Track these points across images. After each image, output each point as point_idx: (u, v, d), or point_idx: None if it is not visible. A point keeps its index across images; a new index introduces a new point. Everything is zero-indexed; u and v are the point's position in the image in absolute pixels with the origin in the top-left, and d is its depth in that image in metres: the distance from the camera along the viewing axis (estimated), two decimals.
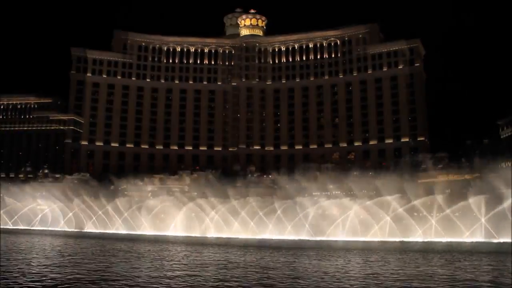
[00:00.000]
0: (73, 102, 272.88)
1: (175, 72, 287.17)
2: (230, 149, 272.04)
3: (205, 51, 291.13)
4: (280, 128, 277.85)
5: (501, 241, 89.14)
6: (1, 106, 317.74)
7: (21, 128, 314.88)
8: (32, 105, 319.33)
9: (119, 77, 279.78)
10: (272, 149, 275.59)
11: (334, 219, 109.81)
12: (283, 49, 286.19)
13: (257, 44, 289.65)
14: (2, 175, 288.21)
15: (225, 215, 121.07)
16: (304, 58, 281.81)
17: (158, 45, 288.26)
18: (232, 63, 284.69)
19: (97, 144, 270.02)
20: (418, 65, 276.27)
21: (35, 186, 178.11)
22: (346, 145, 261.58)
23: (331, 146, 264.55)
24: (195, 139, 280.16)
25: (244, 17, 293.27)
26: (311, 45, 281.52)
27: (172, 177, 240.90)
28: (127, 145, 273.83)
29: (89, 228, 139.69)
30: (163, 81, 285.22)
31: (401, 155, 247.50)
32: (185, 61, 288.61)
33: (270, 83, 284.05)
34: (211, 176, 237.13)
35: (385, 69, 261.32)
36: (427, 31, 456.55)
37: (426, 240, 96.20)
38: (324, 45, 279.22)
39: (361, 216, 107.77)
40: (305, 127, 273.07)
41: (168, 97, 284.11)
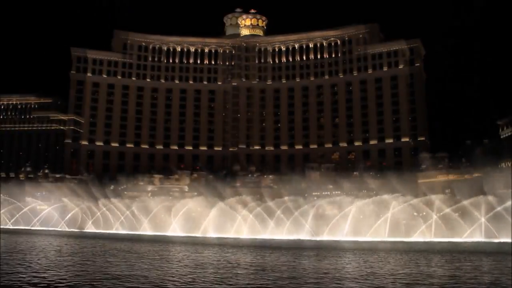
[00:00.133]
0: (73, 102, 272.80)
1: (175, 72, 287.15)
2: (230, 149, 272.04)
3: (205, 51, 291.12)
4: (280, 128, 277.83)
5: None
6: (1, 106, 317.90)
7: (21, 128, 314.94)
8: (32, 105, 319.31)
9: (119, 77, 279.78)
10: (272, 149, 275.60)
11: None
12: (283, 49, 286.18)
13: (257, 44, 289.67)
14: (2, 175, 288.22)
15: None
16: (304, 58, 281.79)
17: (158, 45, 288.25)
18: (232, 63, 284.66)
19: (97, 144, 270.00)
20: (418, 65, 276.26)
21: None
22: (346, 145, 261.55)
23: (331, 146, 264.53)
24: (195, 139, 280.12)
25: (244, 17, 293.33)
26: (311, 45, 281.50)
27: (172, 177, 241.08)
28: (127, 145, 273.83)
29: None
30: (163, 81, 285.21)
31: (401, 155, 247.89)
32: (185, 61, 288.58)
33: (270, 83, 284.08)
34: (211, 176, 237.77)
35: (385, 69, 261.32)
36: (427, 31, 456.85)
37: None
38: (324, 45, 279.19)
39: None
40: (305, 127, 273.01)
41: (168, 97, 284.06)
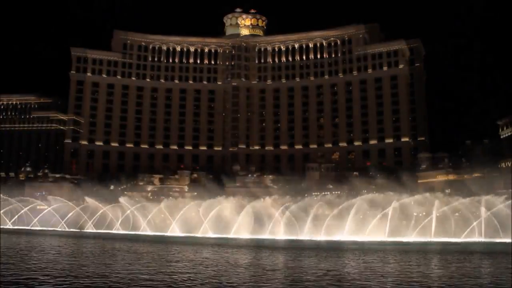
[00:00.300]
0: (73, 102, 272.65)
1: (175, 72, 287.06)
2: (230, 149, 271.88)
3: (205, 51, 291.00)
4: (280, 128, 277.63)
5: None
6: (1, 105, 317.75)
7: (21, 128, 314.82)
8: (32, 105, 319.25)
9: (119, 77, 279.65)
10: (272, 149, 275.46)
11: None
12: (283, 48, 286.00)
13: (257, 44, 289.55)
14: (2, 175, 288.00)
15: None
16: (304, 58, 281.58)
17: (158, 45, 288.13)
18: (232, 63, 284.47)
19: (97, 144, 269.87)
20: (418, 65, 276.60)
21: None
22: (346, 145, 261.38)
23: (331, 146, 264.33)
24: (195, 139, 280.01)
25: (244, 17, 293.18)
26: (311, 45, 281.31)
27: (172, 177, 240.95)
28: (127, 145, 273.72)
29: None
30: (163, 81, 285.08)
31: (401, 155, 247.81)
32: (185, 61, 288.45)
33: (270, 83, 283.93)
34: (211, 176, 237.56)
35: (385, 69, 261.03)
36: (427, 31, 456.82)
37: None
38: (324, 44, 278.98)
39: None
40: (305, 127, 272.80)
41: (168, 97, 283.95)
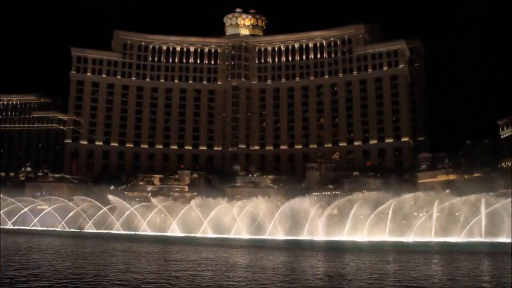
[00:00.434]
0: (73, 102, 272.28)
1: (175, 72, 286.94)
2: (229, 149, 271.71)
3: (205, 51, 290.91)
4: (280, 128, 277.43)
5: None
6: (1, 105, 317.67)
7: (21, 127, 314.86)
8: (32, 105, 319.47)
9: (119, 77, 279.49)
10: (272, 148, 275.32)
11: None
12: (283, 48, 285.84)
13: (257, 44, 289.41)
14: (2, 175, 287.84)
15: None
16: (304, 57, 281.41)
17: (158, 45, 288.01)
18: (232, 63, 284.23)
19: (97, 144, 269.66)
20: (418, 65, 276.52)
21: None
22: (346, 144, 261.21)
23: (331, 145, 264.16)
24: (194, 139, 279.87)
25: (244, 17, 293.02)
26: (311, 45, 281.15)
27: (172, 177, 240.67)
28: (127, 145, 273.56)
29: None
30: (163, 81, 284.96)
31: (401, 155, 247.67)
32: (185, 61, 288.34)
33: (270, 82, 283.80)
34: (210, 176, 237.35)
35: (385, 69, 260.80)
36: (427, 31, 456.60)
37: None
38: (324, 44, 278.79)
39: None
40: (305, 127, 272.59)
41: (168, 97, 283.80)
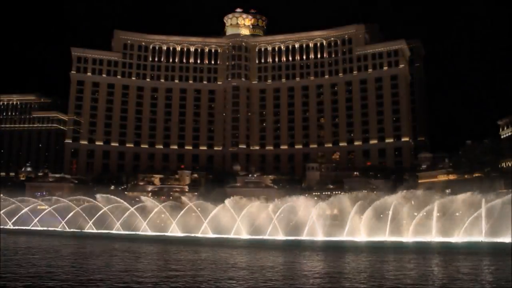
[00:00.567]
0: (73, 102, 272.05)
1: (175, 72, 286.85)
2: (230, 149, 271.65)
3: (205, 51, 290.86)
4: (280, 127, 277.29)
5: None
6: (2, 105, 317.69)
7: (21, 127, 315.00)
8: (32, 105, 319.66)
9: (119, 77, 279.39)
10: (272, 148, 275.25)
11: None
12: (283, 48, 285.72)
13: (257, 44, 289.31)
14: (2, 175, 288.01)
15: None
16: (304, 57, 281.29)
17: (158, 45, 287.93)
18: (232, 63, 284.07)
19: (97, 144, 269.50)
20: (418, 65, 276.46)
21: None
22: (346, 144, 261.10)
23: (331, 145, 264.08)
24: (195, 139, 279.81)
25: (244, 17, 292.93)
26: (311, 45, 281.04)
27: (172, 177, 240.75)
28: (127, 145, 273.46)
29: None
30: (163, 80, 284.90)
31: (401, 155, 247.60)
32: (185, 61, 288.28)
33: (270, 82, 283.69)
34: (210, 176, 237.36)
35: (385, 69, 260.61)
36: (427, 31, 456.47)
37: None
38: (324, 44, 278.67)
39: None
40: (305, 127, 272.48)
41: (168, 97, 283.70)
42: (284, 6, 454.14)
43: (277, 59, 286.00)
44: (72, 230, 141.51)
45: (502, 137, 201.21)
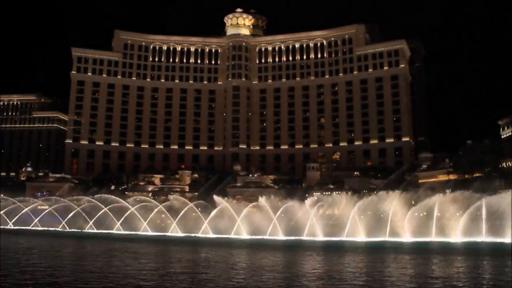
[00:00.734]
0: (74, 102, 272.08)
1: (176, 71, 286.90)
2: (230, 149, 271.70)
3: (206, 51, 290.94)
4: (280, 127, 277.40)
5: None
6: (2, 105, 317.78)
7: (21, 127, 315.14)
8: (32, 105, 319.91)
9: (119, 77, 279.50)
10: (272, 148, 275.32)
11: None
12: (283, 48, 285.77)
13: (257, 44, 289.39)
14: (2, 175, 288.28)
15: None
16: (304, 57, 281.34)
17: (158, 45, 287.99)
18: (232, 63, 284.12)
19: (97, 143, 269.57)
20: (418, 64, 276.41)
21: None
22: (346, 144, 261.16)
23: (331, 145, 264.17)
24: (195, 139, 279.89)
25: (244, 17, 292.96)
26: (311, 45, 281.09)
27: (172, 176, 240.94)
28: (127, 145, 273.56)
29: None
30: (163, 80, 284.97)
31: (401, 154, 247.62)
32: (185, 61, 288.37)
33: (270, 82, 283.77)
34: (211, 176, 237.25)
35: (385, 68, 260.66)
36: (427, 31, 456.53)
37: None
38: (324, 44, 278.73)
39: None
40: (305, 127, 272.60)
41: (168, 96, 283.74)
42: (284, 6, 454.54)
43: (277, 59, 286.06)
44: (72, 230, 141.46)
45: (502, 137, 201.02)
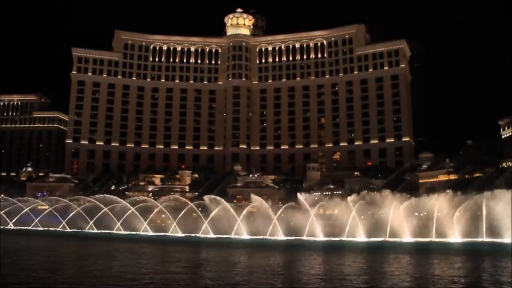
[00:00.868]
0: (74, 102, 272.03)
1: (176, 71, 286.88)
2: (230, 149, 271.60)
3: (206, 51, 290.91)
4: (280, 127, 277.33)
5: None
6: (2, 105, 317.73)
7: (22, 127, 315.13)
8: (33, 105, 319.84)
9: (119, 77, 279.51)
10: (272, 148, 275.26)
11: None
12: (284, 48, 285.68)
13: (257, 44, 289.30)
14: (3, 175, 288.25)
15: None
16: (304, 57, 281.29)
17: (159, 45, 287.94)
18: (233, 63, 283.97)
19: (97, 143, 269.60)
20: (418, 65, 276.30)
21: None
22: (346, 144, 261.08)
23: (331, 145, 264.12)
24: (195, 139, 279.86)
25: (244, 17, 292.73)
26: (311, 45, 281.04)
27: (172, 176, 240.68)
28: (128, 145, 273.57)
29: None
30: (163, 80, 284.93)
31: (402, 154, 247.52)
32: (185, 61, 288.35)
33: (270, 82, 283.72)
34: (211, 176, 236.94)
35: (385, 68, 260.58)
36: (427, 31, 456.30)
37: None
38: (324, 44, 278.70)
39: None
40: (306, 127, 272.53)
41: (168, 96, 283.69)
42: (284, 6, 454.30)
43: (277, 59, 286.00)
44: (72, 230, 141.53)
45: (502, 137, 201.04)
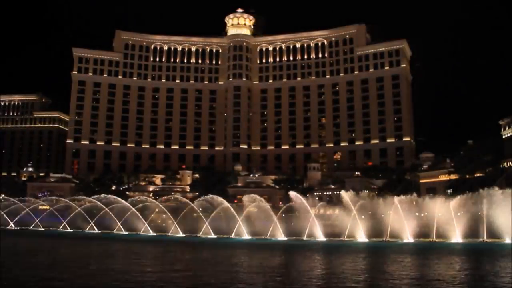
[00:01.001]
0: (75, 102, 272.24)
1: (176, 72, 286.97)
2: (231, 149, 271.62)
3: (206, 51, 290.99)
4: (281, 127, 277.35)
5: None
6: (3, 105, 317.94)
7: (22, 127, 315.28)
8: (33, 105, 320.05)
9: (120, 77, 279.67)
10: (273, 148, 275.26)
11: None
12: (284, 48, 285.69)
13: (258, 44, 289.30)
14: (3, 175, 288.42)
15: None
16: (305, 57, 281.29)
17: (159, 45, 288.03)
18: (233, 63, 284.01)
19: (98, 144, 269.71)
20: (418, 64, 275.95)
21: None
22: (347, 144, 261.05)
23: (332, 145, 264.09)
24: (196, 139, 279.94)
25: (245, 17, 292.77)
26: (312, 45, 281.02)
27: (173, 176, 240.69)
28: (128, 145, 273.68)
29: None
30: (164, 80, 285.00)
31: (402, 154, 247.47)
32: (186, 61, 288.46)
33: (271, 82, 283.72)
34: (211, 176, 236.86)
35: (386, 68, 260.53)
36: (428, 31, 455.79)
37: None
38: (325, 44, 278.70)
39: None
40: (306, 127, 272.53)
41: (169, 96, 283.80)
42: (284, 6, 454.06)
43: (278, 59, 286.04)
44: (73, 230, 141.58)
45: (503, 137, 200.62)
